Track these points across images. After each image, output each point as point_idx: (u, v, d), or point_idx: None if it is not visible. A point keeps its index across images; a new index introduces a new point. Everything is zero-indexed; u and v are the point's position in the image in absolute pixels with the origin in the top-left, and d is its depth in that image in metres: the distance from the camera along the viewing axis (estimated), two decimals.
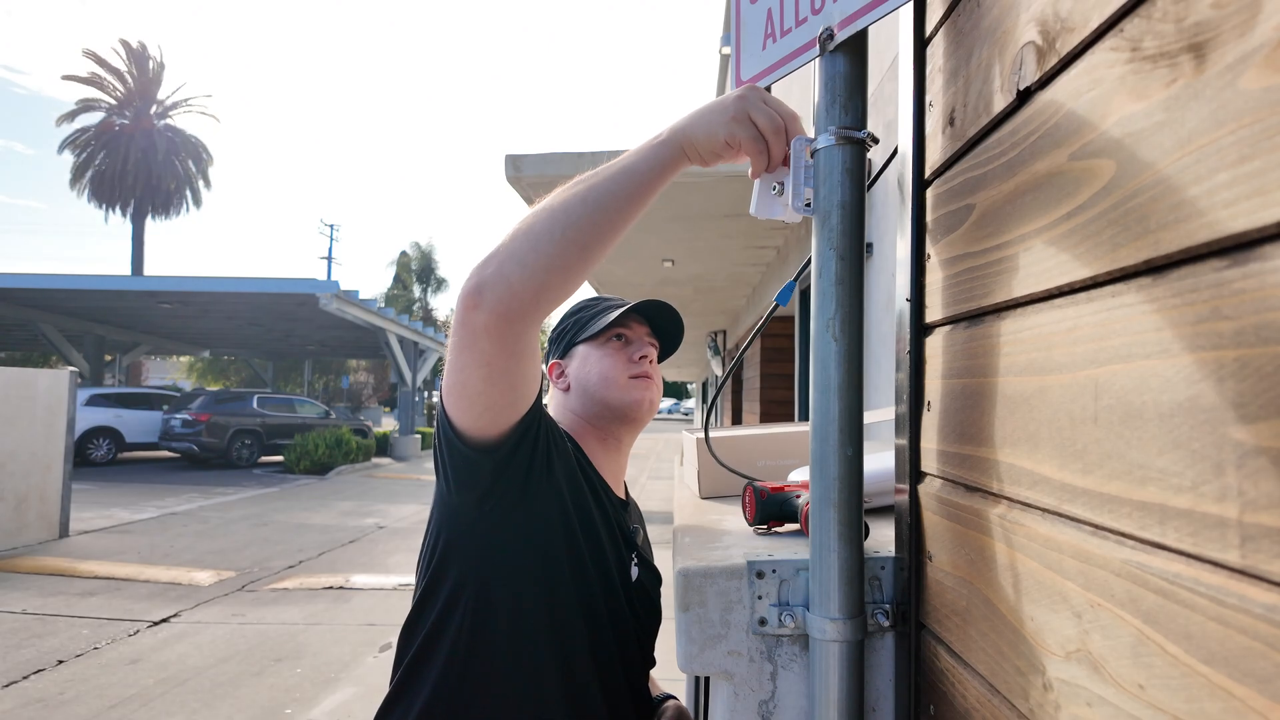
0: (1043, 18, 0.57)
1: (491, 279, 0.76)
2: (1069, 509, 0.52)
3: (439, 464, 0.91)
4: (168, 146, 29.16)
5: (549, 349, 1.23)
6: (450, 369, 0.83)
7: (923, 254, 0.81)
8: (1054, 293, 0.55)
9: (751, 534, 0.97)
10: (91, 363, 17.53)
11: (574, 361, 1.17)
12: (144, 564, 6.42)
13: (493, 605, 0.92)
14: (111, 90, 29.29)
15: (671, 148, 0.82)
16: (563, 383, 1.18)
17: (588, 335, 1.16)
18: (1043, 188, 0.56)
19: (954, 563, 0.71)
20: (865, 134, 0.76)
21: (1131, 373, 0.45)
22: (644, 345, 1.17)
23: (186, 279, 13.93)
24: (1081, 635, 0.49)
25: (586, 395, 1.14)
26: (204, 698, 3.69)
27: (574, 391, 1.16)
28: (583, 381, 1.14)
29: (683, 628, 0.81)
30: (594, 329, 1.16)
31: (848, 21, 0.74)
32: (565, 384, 1.18)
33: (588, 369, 1.14)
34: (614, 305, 1.22)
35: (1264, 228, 0.35)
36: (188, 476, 12.82)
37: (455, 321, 0.80)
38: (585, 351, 1.16)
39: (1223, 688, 0.37)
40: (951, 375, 0.73)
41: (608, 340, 1.16)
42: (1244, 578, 0.36)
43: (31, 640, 4.45)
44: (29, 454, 7.18)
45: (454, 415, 0.84)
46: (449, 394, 0.84)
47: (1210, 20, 0.39)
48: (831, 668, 0.74)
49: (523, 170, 4.34)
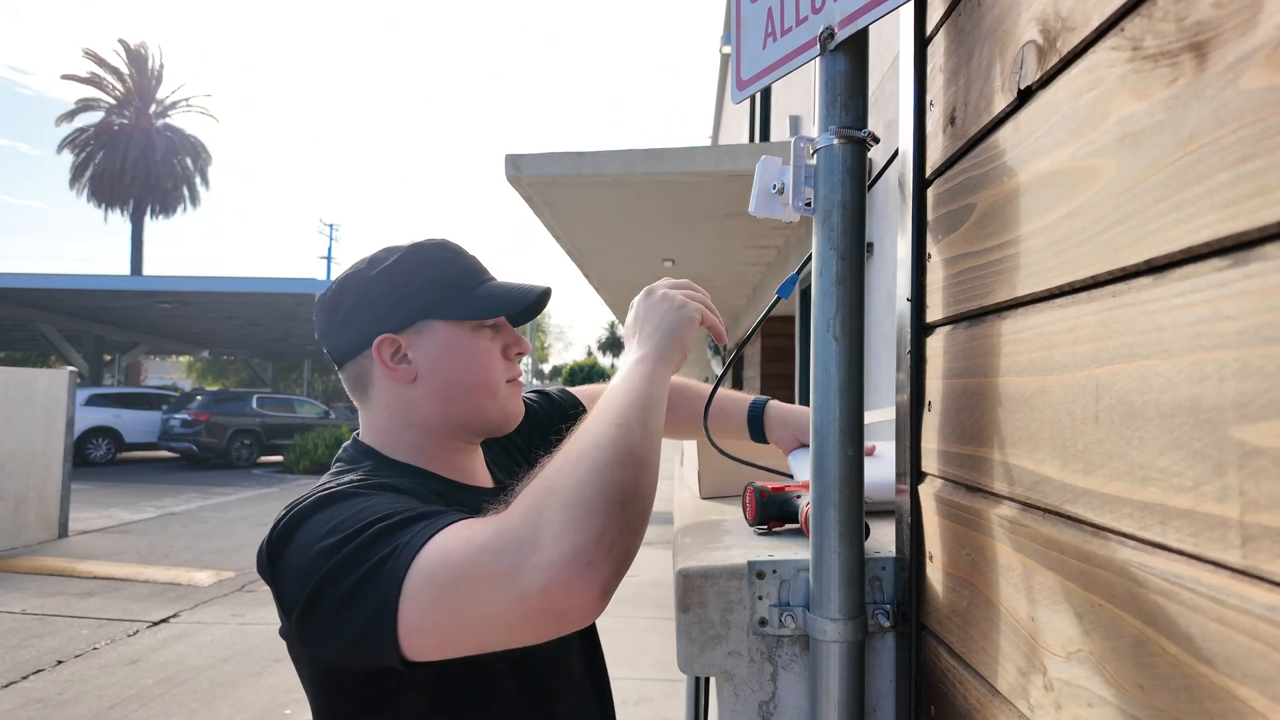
0: (1044, 17, 0.57)
1: (592, 546, 0.58)
2: (1070, 509, 0.52)
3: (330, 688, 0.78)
4: (166, 146, 29.18)
5: (359, 308, 0.87)
6: (463, 626, 0.62)
7: (923, 253, 0.81)
8: (1055, 292, 0.55)
9: (752, 534, 0.97)
10: (91, 363, 17.52)
11: (426, 343, 0.87)
12: (143, 564, 6.42)
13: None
14: (111, 90, 29.31)
15: (664, 364, 0.80)
16: (404, 370, 0.86)
17: (454, 312, 0.88)
18: (1044, 187, 0.56)
19: (955, 563, 0.71)
20: (866, 133, 0.76)
21: (1132, 373, 0.45)
22: (520, 339, 0.94)
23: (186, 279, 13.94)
24: (1083, 635, 0.49)
25: (451, 399, 0.87)
26: (203, 698, 3.69)
27: (425, 388, 0.87)
28: (447, 380, 0.87)
29: (683, 628, 0.81)
30: (465, 305, 0.88)
31: (848, 20, 0.74)
32: (409, 374, 0.86)
33: (455, 364, 0.87)
34: (478, 270, 0.93)
35: (1265, 227, 0.35)
36: (187, 476, 12.82)
37: (521, 602, 0.58)
38: (447, 335, 0.87)
39: (1224, 688, 0.37)
40: (952, 375, 0.73)
41: (479, 328, 0.89)
42: (1245, 578, 0.36)
43: (31, 640, 4.45)
44: (28, 454, 7.17)
45: (416, 651, 0.64)
46: (431, 636, 0.63)
47: (1211, 19, 0.39)
48: (832, 668, 0.74)
49: (523, 170, 4.34)
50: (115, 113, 29.17)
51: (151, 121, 29.45)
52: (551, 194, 4.78)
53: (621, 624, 4.72)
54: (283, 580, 0.71)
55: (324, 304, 0.91)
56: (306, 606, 0.67)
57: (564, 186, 4.58)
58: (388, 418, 0.88)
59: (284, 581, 0.71)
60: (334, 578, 0.66)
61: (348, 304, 0.88)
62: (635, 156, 4.27)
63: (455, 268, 0.90)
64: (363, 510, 0.71)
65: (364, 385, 0.89)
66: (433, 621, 0.62)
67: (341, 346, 0.89)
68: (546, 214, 5.31)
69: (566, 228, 5.76)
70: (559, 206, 5.12)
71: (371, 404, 0.89)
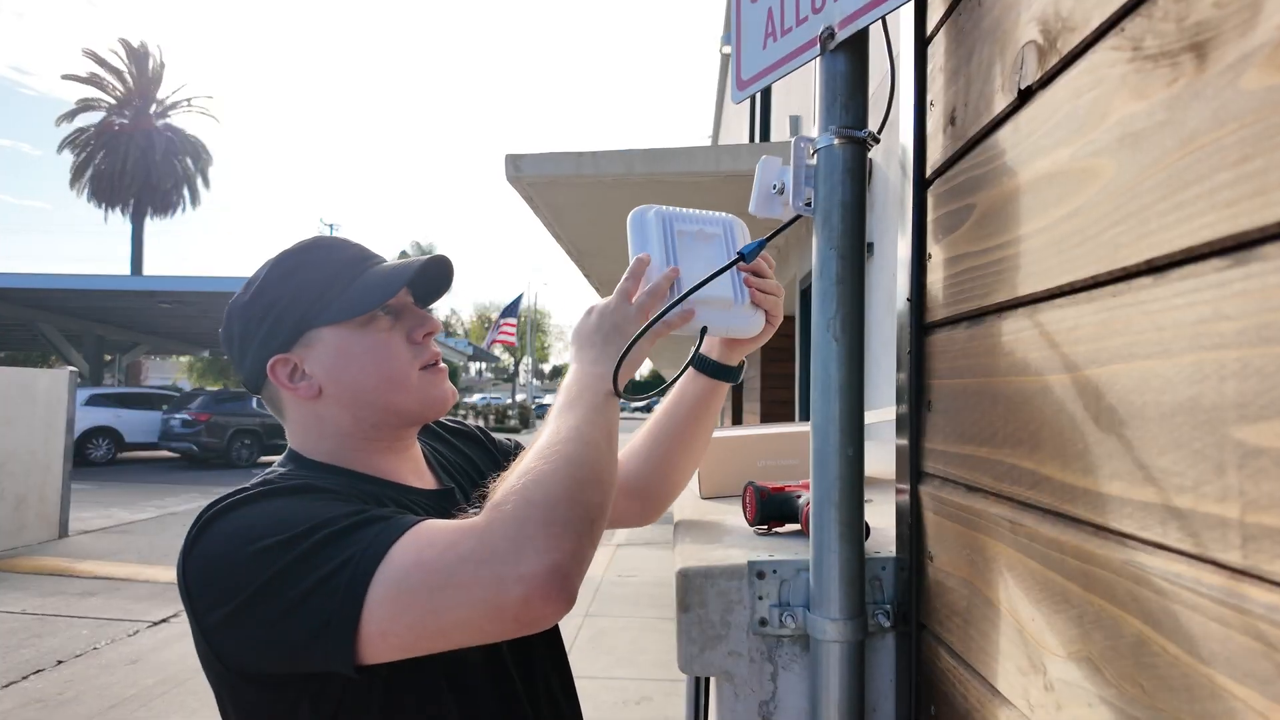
0: (1044, 17, 0.57)
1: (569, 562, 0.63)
2: (1070, 509, 0.52)
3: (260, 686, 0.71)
4: (166, 146, 29.22)
5: (246, 335, 0.83)
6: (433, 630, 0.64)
7: (924, 253, 0.81)
8: (1055, 292, 0.55)
9: (752, 534, 0.97)
10: (91, 363, 17.53)
11: (318, 355, 0.82)
12: (143, 564, 6.42)
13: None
14: (111, 90, 29.34)
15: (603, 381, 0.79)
16: (305, 387, 0.82)
17: (333, 314, 0.81)
18: (1044, 187, 0.56)
19: (955, 563, 0.71)
20: (866, 133, 0.76)
21: (1133, 373, 0.45)
22: (424, 319, 0.87)
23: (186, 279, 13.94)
24: (1083, 635, 0.49)
25: (361, 404, 0.83)
26: (204, 698, 3.69)
27: (333, 400, 0.82)
28: (350, 387, 0.82)
29: (683, 628, 0.81)
30: (343, 304, 0.82)
31: (848, 21, 0.74)
32: (312, 389, 0.82)
33: (353, 368, 0.82)
34: (355, 261, 0.85)
35: (1265, 227, 0.35)
36: (187, 476, 12.82)
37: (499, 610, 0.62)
38: (336, 340, 0.82)
39: (1224, 688, 0.37)
40: (952, 375, 0.73)
41: (370, 321, 0.83)
42: (1245, 578, 0.36)
43: (31, 640, 4.45)
44: (29, 454, 7.17)
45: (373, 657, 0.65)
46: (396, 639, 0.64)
47: (1211, 20, 0.39)
48: (832, 668, 0.74)
49: (522, 170, 4.34)
50: (116, 113, 29.21)
51: (152, 121, 29.48)
52: (551, 194, 4.78)
53: (621, 624, 4.72)
54: (205, 576, 0.68)
55: (222, 340, 0.88)
56: (242, 607, 0.66)
57: (564, 187, 4.58)
58: (303, 433, 0.85)
59: (207, 577, 0.68)
60: (279, 582, 0.65)
61: (236, 333, 0.85)
62: (635, 157, 4.27)
63: (326, 267, 0.84)
64: (304, 512, 0.69)
65: (278, 408, 0.87)
66: (403, 625, 0.64)
67: (249, 378, 0.86)
68: (546, 214, 5.30)
69: (566, 228, 5.76)
70: (559, 207, 5.12)
71: (289, 423, 0.87)
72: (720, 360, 1.02)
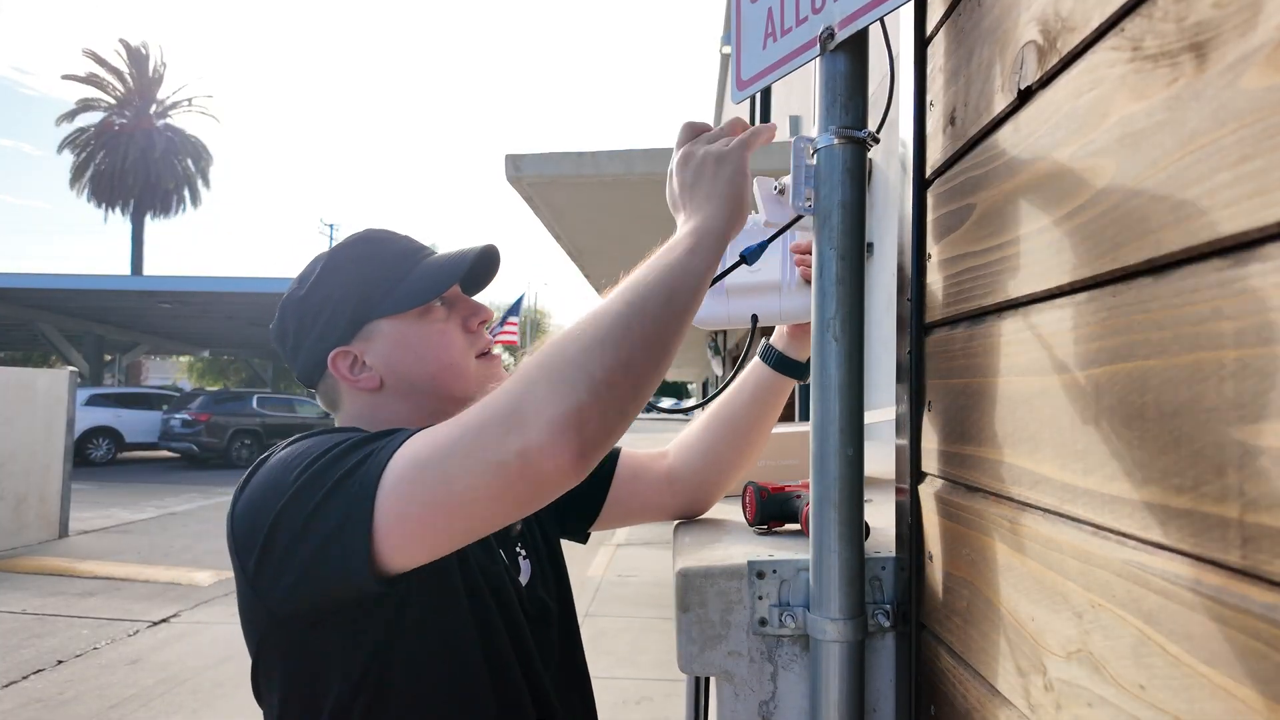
0: (1044, 17, 0.57)
1: (574, 414, 0.59)
2: (1070, 509, 0.52)
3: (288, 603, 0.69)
4: (166, 146, 29.22)
5: (302, 331, 0.85)
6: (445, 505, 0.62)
7: (923, 253, 0.81)
8: (1055, 292, 0.55)
9: (752, 534, 0.97)
10: (91, 363, 17.53)
11: (378, 346, 0.84)
12: (143, 564, 6.42)
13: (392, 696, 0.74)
14: (111, 90, 29.35)
15: (715, 236, 0.73)
16: (367, 378, 0.84)
17: (392, 305, 0.84)
18: (1044, 187, 0.56)
19: (955, 563, 0.71)
20: (866, 133, 0.76)
21: (1133, 372, 0.45)
22: (478, 308, 0.90)
23: (186, 279, 13.95)
24: (1082, 635, 0.49)
25: (419, 393, 0.85)
26: (204, 698, 3.69)
27: (392, 390, 0.85)
28: (408, 375, 0.84)
29: (683, 628, 0.81)
30: (401, 295, 0.84)
31: (848, 21, 0.74)
32: (374, 380, 0.84)
33: (413, 358, 0.84)
34: (409, 252, 0.88)
35: (1265, 227, 0.35)
36: (187, 476, 12.82)
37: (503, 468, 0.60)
38: (394, 331, 0.84)
39: (1224, 688, 0.37)
40: (952, 375, 0.73)
41: (427, 311, 0.86)
42: (1245, 578, 0.36)
43: (31, 640, 4.45)
44: (29, 454, 7.18)
45: (391, 556, 0.64)
46: (411, 524, 0.63)
47: (1211, 20, 0.39)
48: (832, 668, 0.74)
49: (523, 170, 4.34)
50: (116, 113, 29.21)
51: (152, 121, 29.48)
52: (551, 194, 4.78)
53: (621, 624, 4.72)
54: (244, 525, 0.69)
55: (274, 335, 0.89)
56: (267, 539, 0.66)
57: (564, 186, 4.58)
58: (359, 425, 0.84)
59: (246, 525, 0.69)
60: (297, 498, 0.65)
61: (291, 329, 0.86)
62: (635, 156, 4.27)
63: (382, 260, 0.86)
64: (327, 440, 0.70)
65: (333, 401, 0.88)
66: (417, 505, 0.62)
67: (304, 372, 0.87)
68: (546, 214, 5.30)
69: (566, 228, 5.76)
70: (559, 206, 5.12)
71: (343, 416, 0.88)
72: (785, 352, 0.97)
